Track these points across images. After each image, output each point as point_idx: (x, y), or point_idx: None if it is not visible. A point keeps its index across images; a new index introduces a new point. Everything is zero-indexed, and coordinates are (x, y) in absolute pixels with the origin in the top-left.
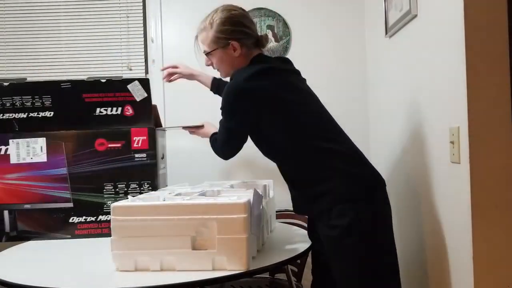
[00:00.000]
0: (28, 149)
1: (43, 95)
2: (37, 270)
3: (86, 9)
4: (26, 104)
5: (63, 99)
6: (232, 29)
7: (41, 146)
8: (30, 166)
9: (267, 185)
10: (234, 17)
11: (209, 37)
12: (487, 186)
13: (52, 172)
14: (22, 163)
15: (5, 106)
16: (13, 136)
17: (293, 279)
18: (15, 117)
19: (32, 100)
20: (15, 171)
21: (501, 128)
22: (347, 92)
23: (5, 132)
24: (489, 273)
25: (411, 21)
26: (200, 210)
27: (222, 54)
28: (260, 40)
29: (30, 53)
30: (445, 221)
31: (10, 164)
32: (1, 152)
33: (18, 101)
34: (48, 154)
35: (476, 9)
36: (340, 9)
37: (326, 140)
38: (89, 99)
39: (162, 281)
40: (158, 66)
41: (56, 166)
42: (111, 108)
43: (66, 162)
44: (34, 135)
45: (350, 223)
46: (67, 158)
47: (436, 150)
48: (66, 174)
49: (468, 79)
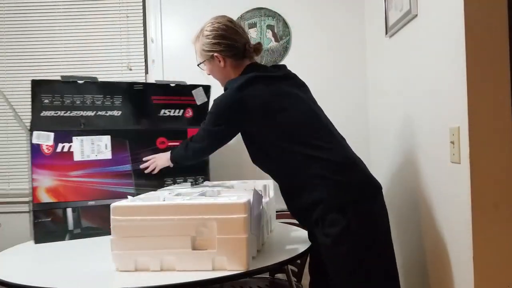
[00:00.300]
0: (92, 146)
1: (114, 95)
2: (37, 270)
3: (86, 9)
4: (97, 102)
5: (133, 99)
6: (213, 42)
7: (105, 144)
8: (94, 163)
9: (267, 185)
10: (217, 30)
11: (198, 49)
12: (487, 186)
13: (117, 169)
14: (86, 160)
15: (74, 104)
16: (77, 133)
17: (293, 279)
18: (82, 114)
19: (103, 99)
20: (79, 168)
21: (501, 128)
22: (347, 92)
23: (69, 129)
24: (489, 273)
25: (411, 21)
26: (200, 210)
27: (211, 66)
28: (248, 50)
29: (30, 53)
30: (445, 221)
31: (73, 162)
32: (64, 150)
33: (89, 99)
34: (113, 151)
35: (476, 9)
36: (340, 9)
37: (314, 147)
38: (157, 101)
39: (162, 281)
40: (158, 66)
41: (121, 163)
42: (174, 110)
43: (130, 159)
44: (98, 132)
45: (341, 232)
46: (131, 155)
47: (436, 150)
48: (130, 171)
49: (468, 79)
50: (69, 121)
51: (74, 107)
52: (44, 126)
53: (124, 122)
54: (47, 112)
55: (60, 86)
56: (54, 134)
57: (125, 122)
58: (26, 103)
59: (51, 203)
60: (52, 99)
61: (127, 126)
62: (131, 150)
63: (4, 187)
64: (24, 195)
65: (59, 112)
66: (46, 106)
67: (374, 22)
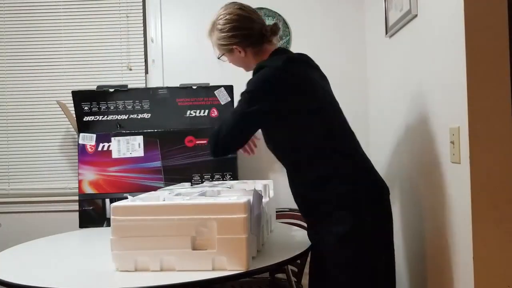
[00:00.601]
0: (127, 145)
1: (143, 100)
2: (37, 270)
3: (86, 9)
4: (128, 107)
5: (160, 103)
6: (229, 36)
7: (138, 143)
8: (129, 160)
9: (267, 185)
10: (230, 22)
11: (214, 43)
12: (487, 186)
13: (148, 165)
14: (122, 158)
15: (109, 109)
16: (114, 134)
17: (293, 279)
18: (117, 118)
19: (133, 104)
20: (116, 164)
21: (501, 128)
22: (347, 92)
23: (108, 131)
24: (489, 273)
25: (411, 21)
26: (200, 210)
27: (231, 57)
28: (265, 34)
29: (30, 53)
30: (445, 221)
31: (111, 159)
32: (104, 149)
33: (121, 104)
34: (145, 150)
35: (476, 9)
36: (340, 9)
37: (336, 143)
38: (182, 103)
39: (162, 281)
40: (158, 65)
41: (152, 160)
42: (200, 110)
43: (160, 157)
44: (133, 133)
45: (347, 231)
46: (161, 153)
47: (436, 150)
48: (160, 167)
49: (468, 79)
50: (108, 125)
51: (109, 112)
52: (88, 129)
53: (154, 124)
54: (88, 117)
55: (95, 94)
56: (95, 135)
57: (155, 123)
58: (26, 103)
59: (92, 194)
60: (90, 106)
61: (157, 127)
62: (161, 149)
63: (4, 187)
64: (24, 195)
65: (98, 117)
66: (86, 112)
67: (374, 22)
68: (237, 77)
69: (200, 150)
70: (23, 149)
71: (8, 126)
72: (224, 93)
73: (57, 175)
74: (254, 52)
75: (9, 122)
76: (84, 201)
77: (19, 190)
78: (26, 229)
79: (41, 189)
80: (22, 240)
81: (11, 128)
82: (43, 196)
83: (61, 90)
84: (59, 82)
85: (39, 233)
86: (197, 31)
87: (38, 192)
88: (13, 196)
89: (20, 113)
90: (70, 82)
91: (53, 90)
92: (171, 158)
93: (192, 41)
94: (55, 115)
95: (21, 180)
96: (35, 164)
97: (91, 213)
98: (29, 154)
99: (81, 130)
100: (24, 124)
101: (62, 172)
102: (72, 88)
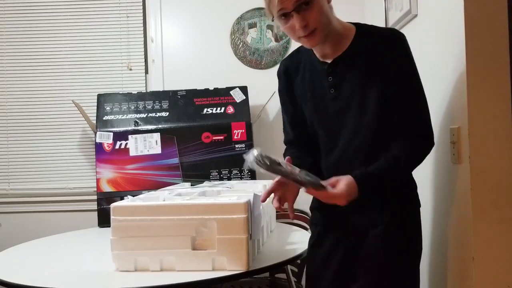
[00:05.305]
0: (145, 143)
1: (162, 100)
2: (37, 270)
3: (86, 9)
4: (147, 107)
5: (178, 102)
6: None
7: (156, 140)
8: (147, 157)
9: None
10: None
11: None
12: (487, 186)
13: (166, 162)
14: (140, 155)
15: (130, 109)
16: (132, 131)
17: (293, 279)
18: (136, 117)
19: (153, 104)
20: (134, 162)
21: (501, 128)
22: None
23: (126, 129)
24: (489, 273)
25: (411, 21)
26: (200, 210)
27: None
28: None
29: (30, 53)
30: (445, 221)
31: (129, 156)
32: (121, 146)
33: (141, 105)
34: (162, 147)
35: (476, 9)
36: (340, 9)
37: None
38: (199, 102)
39: (162, 281)
40: (158, 65)
41: (169, 157)
42: (216, 108)
43: (177, 153)
44: (150, 130)
45: (400, 221)
46: (178, 149)
47: (436, 150)
48: (178, 164)
49: (468, 79)
50: (125, 123)
51: (130, 111)
52: (105, 127)
53: (171, 121)
54: (108, 117)
55: (118, 96)
56: (113, 133)
57: (172, 120)
58: (26, 103)
59: (111, 192)
60: (112, 107)
61: (174, 124)
62: (178, 145)
63: (4, 187)
64: (24, 195)
65: (117, 116)
66: (107, 112)
67: (374, 22)
68: (237, 77)
69: (217, 145)
70: (23, 149)
71: (8, 126)
72: (239, 92)
73: (57, 175)
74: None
75: (9, 122)
76: (103, 200)
77: (19, 190)
78: (26, 229)
79: (41, 189)
80: (22, 240)
81: (11, 128)
82: (43, 196)
83: (61, 90)
84: (59, 82)
85: (39, 233)
86: (197, 31)
87: (38, 192)
88: (13, 196)
89: (20, 112)
90: (70, 82)
91: (53, 90)
92: (189, 155)
93: (192, 41)
94: (55, 115)
95: (21, 180)
96: (35, 164)
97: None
98: (29, 154)
99: (98, 129)
100: (24, 123)
101: (62, 172)
102: (71, 88)
